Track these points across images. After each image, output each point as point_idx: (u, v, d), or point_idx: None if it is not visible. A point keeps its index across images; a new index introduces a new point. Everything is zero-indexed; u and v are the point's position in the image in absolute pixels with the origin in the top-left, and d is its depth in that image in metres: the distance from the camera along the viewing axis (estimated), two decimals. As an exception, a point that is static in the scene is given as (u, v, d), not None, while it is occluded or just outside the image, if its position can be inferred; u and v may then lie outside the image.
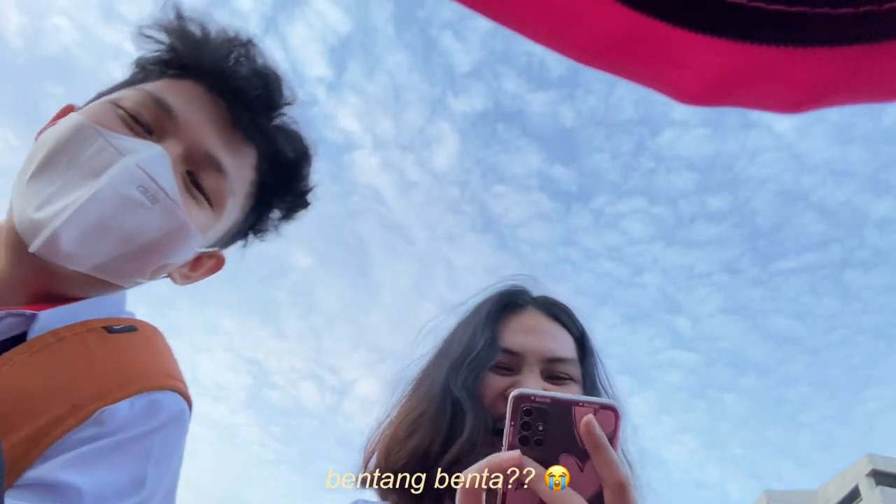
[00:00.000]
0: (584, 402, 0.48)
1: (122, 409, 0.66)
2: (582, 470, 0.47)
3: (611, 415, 0.48)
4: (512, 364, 0.92)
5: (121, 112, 0.73)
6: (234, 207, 0.82)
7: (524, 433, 0.48)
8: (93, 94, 0.80)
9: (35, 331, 0.67)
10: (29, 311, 0.68)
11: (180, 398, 0.75)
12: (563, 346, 0.96)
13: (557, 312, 1.02)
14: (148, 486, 0.65)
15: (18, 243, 0.69)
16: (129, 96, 0.75)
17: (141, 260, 0.74)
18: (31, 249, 0.67)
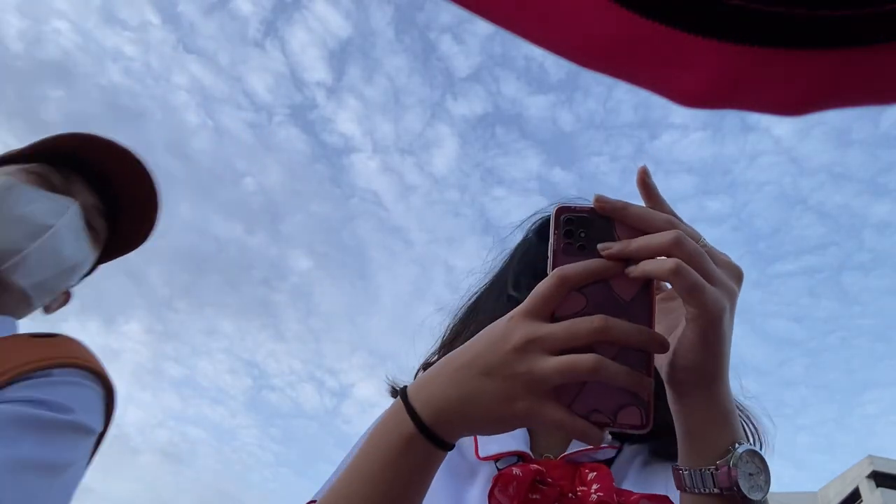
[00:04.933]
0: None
1: (38, 374, 0.84)
2: (623, 274, 0.48)
3: None
4: None
5: (34, 175, 1.02)
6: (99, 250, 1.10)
7: (567, 241, 0.50)
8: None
9: None
10: None
11: (95, 377, 0.92)
12: None
13: None
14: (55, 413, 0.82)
15: None
16: (35, 167, 1.04)
17: (61, 280, 1.02)
18: (1, 268, 0.92)
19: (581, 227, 0.50)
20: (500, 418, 0.49)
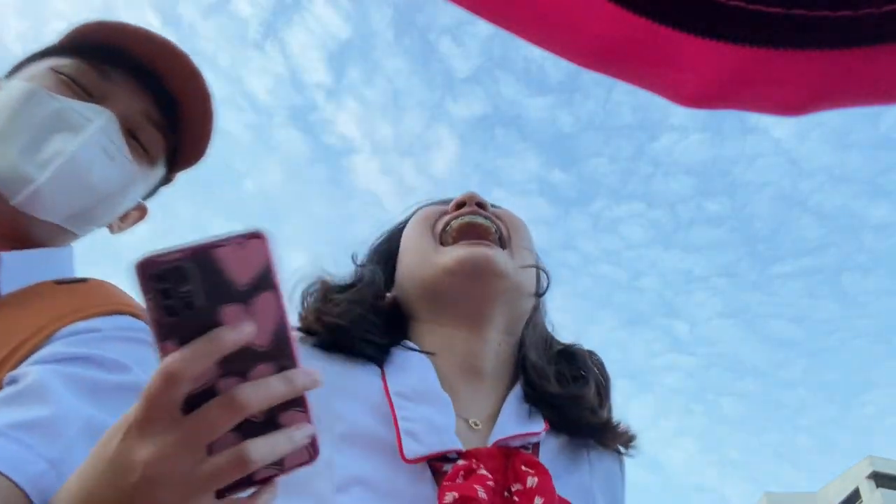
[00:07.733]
0: (221, 242, 0.39)
1: (81, 326, 0.71)
2: (253, 313, 0.41)
3: (258, 244, 0.40)
4: None
5: (63, 77, 0.82)
6: (162, 162, 0.93)
7: (167, 303, 0.40)
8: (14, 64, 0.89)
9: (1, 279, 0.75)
10: None
11: (139, 320, 0.77)
12: None
13: None
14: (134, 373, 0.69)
15: None
16: (66, 64, 0.84)
17: (102, 209, 0.85)
18: (13, 203, 0.75)
19: (181, 281, 0.39)
20: None
